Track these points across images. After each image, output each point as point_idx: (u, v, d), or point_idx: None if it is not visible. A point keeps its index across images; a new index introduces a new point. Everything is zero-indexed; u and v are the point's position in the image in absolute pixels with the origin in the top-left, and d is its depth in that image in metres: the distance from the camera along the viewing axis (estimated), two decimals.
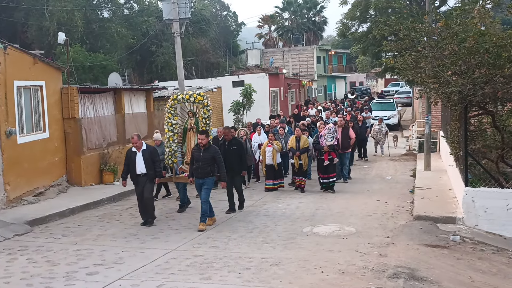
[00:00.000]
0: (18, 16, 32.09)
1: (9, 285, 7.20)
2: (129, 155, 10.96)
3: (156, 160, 10.97)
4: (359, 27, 28.20)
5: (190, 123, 12.04)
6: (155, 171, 10.97)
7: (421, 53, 11.20)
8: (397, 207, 11.97)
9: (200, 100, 11.81)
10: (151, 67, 39.92)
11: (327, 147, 13.86)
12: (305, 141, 14.26)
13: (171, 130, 12.15)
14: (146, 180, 10.81)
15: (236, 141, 12.44)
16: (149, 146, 11.19)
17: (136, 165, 10.80)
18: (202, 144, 10.43)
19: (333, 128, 14.39)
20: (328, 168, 13.95)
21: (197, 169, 10.50)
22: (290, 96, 42.86)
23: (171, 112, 12.15)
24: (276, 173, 14.58)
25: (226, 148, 11.91)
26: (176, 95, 12.24)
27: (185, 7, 21.18)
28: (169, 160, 12.14)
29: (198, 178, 10.56)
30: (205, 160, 10.42)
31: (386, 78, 49.33)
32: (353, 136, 15.98)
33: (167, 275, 7.56)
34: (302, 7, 67.45)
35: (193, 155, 10.65)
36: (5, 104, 12.24)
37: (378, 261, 8.00)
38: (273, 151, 14.42)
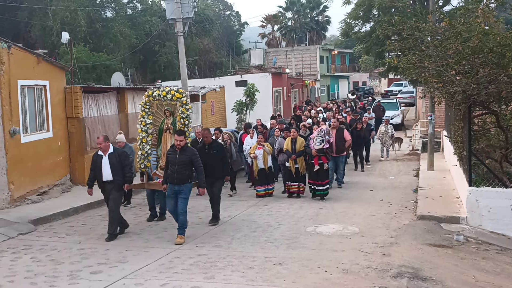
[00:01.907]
0: (22, 16, 32.16)
1: (13, 284, 7.22)
2: (95, 159, 9.76)
3: (125, 164, 9.79)
4: (362, 27, 28.18)
5: (167, 123, 10.89)
6: (124, 176, 9.72)
7: (425, 52, 11.20)
8: (400, 207, 11.95)
9: (179, 97, 10.62)
10: (154, 67, 39.95)
11: (316, 151, 12.71)
12: (302, 143, 13.14)
13: (145, 131, 10.95)
14: (112, 188, 9.63)
15: (217, 144, 11.22)
16: (117, 149, 10.03)
17: (102, 171, 9.61)
18: (180, 146, 9.29)
19: (325, 130, 13.17)
20: (319, 174, 12.80)
21: (172, 174, 9.29)
22: (293, 95, 42.86)
23: (145, 110, 10.96)
24: (267, 177, 13.58)
25: (206, 151, 10.69)
26: (151, 91, 11.00)
27: (188, 7, 21.23)
28: (141, 164, 10.94)
29: (173, 184, 9.31)
30: (181, 164, 9.26)
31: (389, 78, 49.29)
32: (348, 138, 14.71)
33: (171, 274, 7.57)
34: (305, 7, 67.44)
35: (168, 158, 9.49)
36: (9, 103, 12.28)
37: (381, 260, 8.00)
38: (264, 153, 13.49)
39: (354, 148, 17.30)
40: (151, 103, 11.01)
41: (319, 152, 12.70)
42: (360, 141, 17.50)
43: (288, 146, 13.20)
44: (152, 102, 11.00)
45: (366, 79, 70.32)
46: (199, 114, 25.23)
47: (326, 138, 12.85)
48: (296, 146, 13.09)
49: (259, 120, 18.42)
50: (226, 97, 29.65)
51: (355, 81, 69.03)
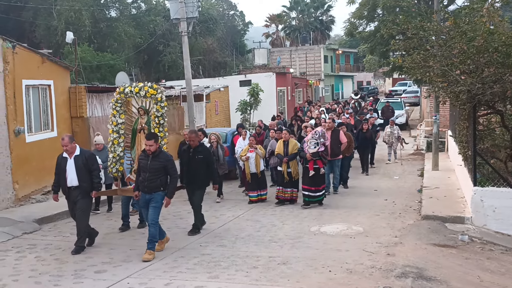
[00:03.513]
0: (27, 16, 32.25)
1: (17, 283, 7.24)
2: (59, 162, 8.80)
3: (93, 168, 8.82)
4: (367, 26, 28.13)
5: (141, 123, 9.92)
6: (92, 182, 8.78)
7: (430, 52, 11.16)
8: (405, 207, 11.93)
9: (153, 94, 9.66)
10: (158, 67, 40.01)
11: (310, 155, 11.93)
12: (294, 146, 12.33)
13: (116, 131, 9.98)
14: (78, 195, 8.68)
15: (203, 148, 10.20)
16: (85, 151, 8.99)
17: (66, 175, 8.64)
18: (150, 151, 8.39)
19: (320, 132, 12.25)
20: (314, 180, 11.98)
21: (143, 182, 8.44)
22: (297, 95, 42.83)
23: (116, 109, 9.98)
24: (260, 182, 12.84)
25: (190, 156, 9.83)
26: (123, 87, 10.03)
27: (193, 6, 21.21)
28: (113, 168, 10.01)
29: (144, 193, 8.49)
30: (153, 171, 8.37)
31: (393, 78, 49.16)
32: (344, 140, 13.63)
33: (175, 273, 7.57)
34: (310, 6, 67.36)
35: (139, 163, 8.64)
36: (13, 103, 12.31)
37: (386, 260, 7.98)
38: (257, 157, 12.74)
39: (360, 150, 17.06)
40: (123, 101, 10.09)
41: (314, 156, 11.91)
42: (366, 142, 17.12)
43: (280, 149, 12.38)
44: (124, 100, 10.08)
45: (371, 79, 70.22)
46: (203, 114, 25.25)
47: (321, 141, 12.06)
48: (288, 149, 12.26)
49: (260, 121, 17.83)
50: (230, 96, 29.65)
51: (359, 80, 68.93)
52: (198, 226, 9.93)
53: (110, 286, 7.08)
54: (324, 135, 12.31)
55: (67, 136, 8.81)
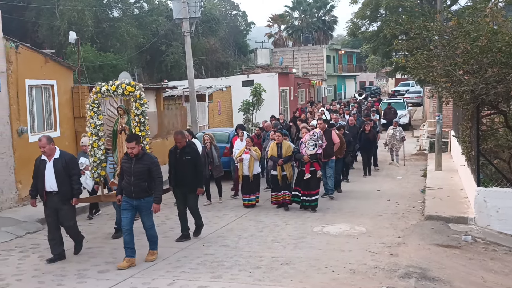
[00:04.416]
0: (29, 16, 32.28)
1: (21, 282, 7.25)
2: (37, 165, 8.22)
3: (73, 173, 8.20)
4: (370, 26, 28.12)
5: (121, 123, 9.39)
6: (72, 188, 8.20)
7: (433, 52, 11.16)
8: (408, 207, 11.91)
9: (131, 91, 9.11)
10: (160, 67, 40.02)
11: (308, 157, 11.52)
12: (288, 148, 11.90)
13: (96, 134, 9.52)
14: (58, 201, 8.14)
15: (191, 149, 9.71)
16: (65, 154, 8.30)
17: (44, 179, 8.07)
18: (133, 154, 7.93)
19: (318, 133, 11.82)
20: (310, 183, 11.55)
21: (128, 187, 7.96)
22: (300, 95, 42.81)
23: (93, 110, 9.47)
24: (252, 186, 12.35)
25: (177, 157, 9.40)
26: (99, 86, 9.45)
27: (195, 6, 21.26)
28: (94, 173, 9.61)
29: (130, 198, 8.00)
30: (138, 174, 7.89)
31: (396, 78, 49.15)
32: (336, 141, 13.12)
33: (178, 273, 7.58)
34: (312, 6, 67.38)
35: (123, 167, 8.15)
36: (16, 103, 12.34)
37: (389, 260, 7.98)
38: (251, 159, 12.27)
39: (363, 151, 16.79)
40: (100, 101, 9.58)
41: (312, 157, 11.51)
42: (369, 144, 16.75)
43: (273, 151, 11.94)
44: (101, 100, 9.58)
45: (373, 79, 70.18)
46: (205, 114, 25.27)
47: (319, 143, 11.64)
48: (282, 151, 11.85)
49: (264, 121, 17.31)
50: (232, 97, 29.67)
51: (362, 81, 68.91)
52: (201, 227, 9.73)
53: (113, 286, 7.09)
54: (322, 137, 11.87)
55: (45, 137, 8.15)
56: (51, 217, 8.25)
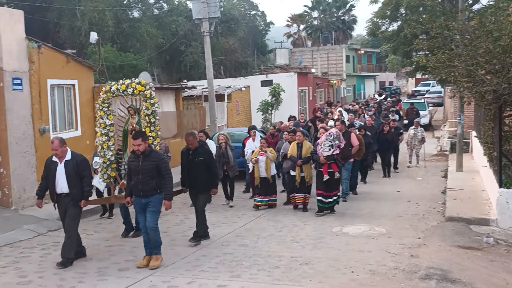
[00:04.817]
0: (51, 16, 32.73)
1: (43, 279, 7.35)
2: (48, 166, 8.11)
3: (84, 175, 8.06)
4: (390, 26, 27.89)
5: (132, 123, 9.20)
6: (82, 190, 8.06)
7: (454, 51, 11.05)
8: (428, 208, 11.79)
9: (141, 90, 8.93)
10: (180, 67, 40.25)
11: (324, 158, 11.22)
12: (309, 149, 11.64)
13: (105, 134, 9.35)
14: (69, 203, 8.01)
15: (203, 150, 9.49)
16: (76, 156, 8.12)
17: (55, 181, 7.96)
18: (139, 151, 7.76)
19: (335, 134, 11.46)
20: (329, 185, 11.27)
21: (136, 185, 7.81)
22: (319, 95, 42.69)
23: (103, 110, 9.32)
24: (269, 187, 12.18)
25: (189, 158, 9.28)
26: (109, 86, 9.30)
27: (215, 7, 21.34)
28: (104, 175, 9.42)
29: (139, 197, 7.85)
30: (146, 171, 7.74)
31: (416, 78, 48.71)
32: (355, 143, 12.81)
33: (197, 272, 7.61)
34: (332, 6, 67.12)
35: (130, 166, 8.01)
36: (39, 102, 12.50)
37: (409, 262, 7.91)
38: (267, 160, 12.07)
39: (381, 152, 16.58)
40: (110, 100, 9.39)
41: (329, 159, 11.20)
42: (388, 145, 16.44)
43: (293, 151, 11.69)
44: (111, 99, 9.38)
45: (393, 79, 69.64)
46: (224, 114, 25.34)
47: (335, 143, 11.29)
48: (302, 151, 11.60)
49: (280, 122, 17.21)
50: (251, 97, 29.71)
51: (381, 80, 68.43)
52: (200, 233, 9.30)
53: (133, 284, 7.14)
54: (339, 137, 11.54)
55: (57, 139, 8.01)
56: (64, 219, 8.16)
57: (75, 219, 8.13)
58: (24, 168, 11.95)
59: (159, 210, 7.98)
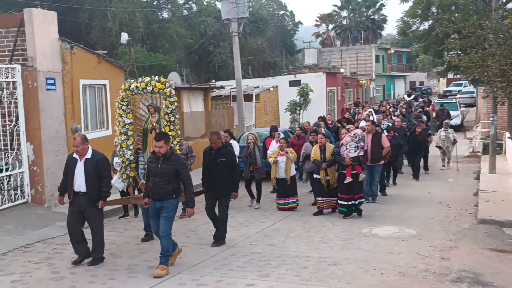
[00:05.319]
0: (83, 17, 33.30)
1: (75, 275, 7.47)
2: (68, 163, 7.94)
3: (104, 175, 7.86)
4: (421, 25, 27.50)
5: (151, 122, 9.03)
6: (100, 190, 7.84)
7: (488, 51, 10.82)
8: (460, 210, 11.60)
9: (161, 88, 8.73)
10: (208, 67, 40.48)
11: (350, 160, 10.93)
12: (332, 151, 11.32)
13: (124, 133, 9.19)
14: (86, 203, 7.79)
15: (226, 151, 9.10)
16: (97, 154, 7.89)
17: (74, 179, 7.76)
18: (160, 153, 7.50)
19: (360, 135, 11.22)
20: (352, 187, 10.93)
21: (152, 188, 7.55)
22: (348, 95, 42.39)
23: (122, 108, 9.15)
24: (289, 189, 11.90)
25: (211, 158, 8.97)
26: (128, 83, 9.10)
27: (243, 7, 21.39)
28: (123, 174, 9.27)
29: (154, 200, 7.60)
30: (164, 175, 7.45)
31: (448, 78, 47.88)
32: (386, 145, 12.61)
33: (226, 271, 7.63)
34: (361, 5, 66.54)
35: (149, 167, 7.77)
36: (71, 102, 12.72)
37: (440, 264, 7.79)
38: (287, 161, 11.77)
39: (411, 154, 16.26)
40: (130, 98, 9.20)
41: (354, 160, 10.91)
42: (419, 146, 16.12)
43: (317, 155, 11.34)
44: (130, 97, 9.21)
45: (424, 79, 68.65)
46: (252, 114, 25.39)
47: (360, 145, 11.05)
48: (326, 154, 11.27)
49: (308, 122, 16.97)
50: (279, 97, 29.68)
51: (412, 80, 67.54)
52: (224, 236, 9.15)
53: (162, 281, 7.20)
54: (364, 138, 11.33)
55: (80, 136, 7.89)
56: (74, 216, 7.87)
57: (99, 221, 8.01)
58: (56, 166, 12.16)
59: (173, 216, 7.67)
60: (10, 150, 11.41)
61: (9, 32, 11.92)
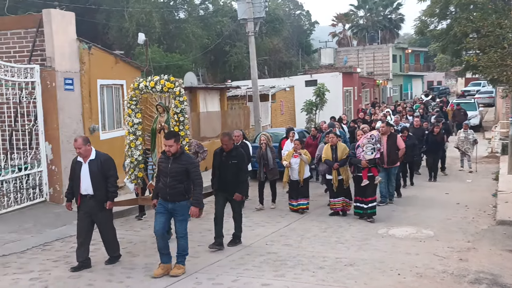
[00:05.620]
0: (100, 18, 33.58)
1: (92, 274, 7.54)
2: (73, 167, 7.76)
3: (109, 175, 7.72)
4: (439, 24, 27.26)
5: (160, 122, 8.97)
6: (107, 191, 7.72)
7: (507, 50, 10.70)
8: (478, 211, 11.46)
9: (170, 87, 8.65)
10: (224, 67, 40.58)
11: (366, 162, 10.68)
12: (344, 150, 11.15)
13: (133, 133, 9.11)
14: (94, 206, 7.66)
15: (238, 152, 8.92)
16: (101, 155, 7.82)
17: (80, 181, 7.61)
18: (170, 152, 7.33)
19: (377, 136, 10.97)
20: (367, 190, 10.70)
21: (164, 188, 7.38)
22: (364, 95, 42.18)
23: (131, 107, 9.06)
24: (301, 190, 11.68)
25: (222, 160, 8.80)
26: (137, 82, 9.03)
27: (260, 7, 21.40)
28: (131, 175, 9.20)
29: (165, 201, 7.41)
30: (174, 175, 7.28)
31: (466, 77, 47.39)
32: (402, 146, 12.48)
33: (242, 270, 7.64)
34: (378, 5, 66.07)
35: (159, 167, 7.62)
36: (89, 101, 12.83)
37: (458, 265, 7.72)
38: (301, 163, 11.54)
39: (430, 154, 15.98)
40: (139, 98, 9.11)
41: (370, 162, 10.68)
42: (437, 146, 15.87)
43: (328, 154, 11.15)
44: (139, 97, 9.10)
45: (442, 79, 67.98)
46: (268, 114, 25.39)
47: (377, 146, 10.81)
48: (337, 154, 11.09)
49: (323, 122, 16.74)
50: (295, 96, 29.65)
51: (429, 80, 66.91)
52: (239, 236, 9.14)
53: (179, 280, 7.23)
54: (380, 140, 11.12)
55: (81, 138, 7.73)
56: (83, 221, 7.72)
57: (109, 223, 7.91)
58: None
59: (187, 217, 7.57)
60: (29, 149, 11.56)
61: (28, 32, 12.07)
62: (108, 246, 8.01)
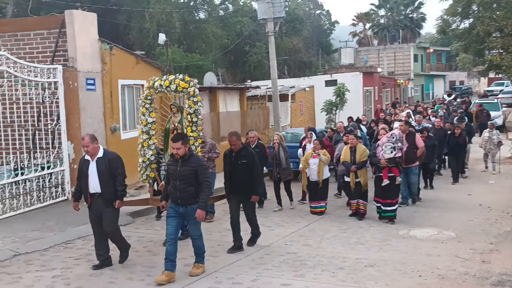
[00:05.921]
0: (121, 19, 33.89)
1: (113, 272, 7.61)
2: (81, 166, 7.69)
3: (117, 173, 7.58)
4: (461, 23, 26.95)
5: (174, 122, 8.86)
6: (116, 190, 7.60)
7: None
8: (501, 213, 11.29)
9: (185, 87, 8.51)
10: (244, 67, 40.64)
11: (386, 161, 10.52)
12: (363, 152, 10.91)
13: (146, 132, 9.00)
14: (102, 204, 7.56)
15: (247, 152, 8.68)
16: (108, 153, 7.73)
17: (88, 180, 7.52)
18: (178, 155, 7.18)
19: (397, 135, 10.74)
20: (388, 191, 10.49)
21: (174, 192, 7.24)
22: (385, 95, 41.86)
23: (145, 106, 8.97)
24: (319, 192, 11.48)
25: (232, 161, 8.57)
26: (152, 81, 8.96)
27: (280, 6, 21.36)
28: (143, 175, 9.14)
29: (176, 205, 7.26)
30: (184, 178, 7.13)
31: (489, 77, 46.72)
32: (420, 144, 12.23)
33: (261, 270, 7.64)
34: (399, 4, 65.47)
35: (168, 170, 7.55)
36: (110, 101, 12.97)
37: (480, 267, 7.61)
38: (320, 164, 11.34)
39: (451, 156, 15.68)
40: (153, 97, 9.03)
41: (390, 162, 10.44)
42: (459, 148, 15.52)
43: (346, 156, 10.93)
44: (154, 95, 9.03)
45: (464, 79, 67.09)
46: (288, 114, 25.33)
47: (398, 146, 10.55)
48: (356, 156, 10.83)
49: (341, 123, 16.42)
50: (315, 96, 29.53)
51: (451, 80, 66.10)
52: (257, 236, 9.02)
53: (199, 279, 7.26)
54: (402, 139, 10.82)
55: (88, 136, 7.61)
56: (96, 223, 7.66)
57: (112, 223, 7.69)
58: None
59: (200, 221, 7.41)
60: (51, 148, 11.72)
61: (51, 33, 12.24)
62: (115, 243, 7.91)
